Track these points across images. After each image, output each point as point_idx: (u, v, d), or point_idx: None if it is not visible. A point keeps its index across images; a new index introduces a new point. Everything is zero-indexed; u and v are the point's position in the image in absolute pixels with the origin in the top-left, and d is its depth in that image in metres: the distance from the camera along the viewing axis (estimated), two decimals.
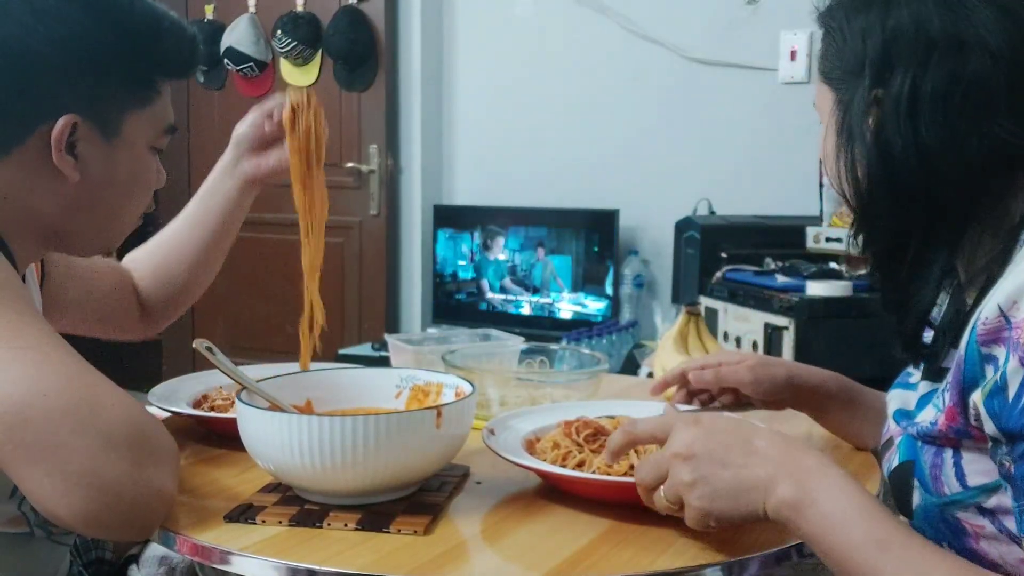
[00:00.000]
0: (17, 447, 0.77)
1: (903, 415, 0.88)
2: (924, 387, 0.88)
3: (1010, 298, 0.69)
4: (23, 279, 0.99)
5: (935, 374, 0.85)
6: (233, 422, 0.91)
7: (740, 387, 1.11)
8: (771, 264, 2.44)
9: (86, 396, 0.80)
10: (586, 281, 3.20)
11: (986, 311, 0.71)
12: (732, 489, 0.74)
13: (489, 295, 3.37)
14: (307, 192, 1.18)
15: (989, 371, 0.70)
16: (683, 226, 2.71)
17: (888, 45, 0.80)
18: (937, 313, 0.87)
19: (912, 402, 0.88)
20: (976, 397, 0.72)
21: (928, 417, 0.81)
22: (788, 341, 2.12)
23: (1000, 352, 0.69)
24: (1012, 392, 0.67)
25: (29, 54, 0.93)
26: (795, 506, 0.72)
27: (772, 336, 2.17)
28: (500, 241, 3.33)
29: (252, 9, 3.69)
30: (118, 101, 0.99)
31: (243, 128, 1.25)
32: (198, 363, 1.15)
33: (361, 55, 3.48)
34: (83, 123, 0.95)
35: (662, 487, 0.79)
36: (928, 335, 0.87)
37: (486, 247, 3.37)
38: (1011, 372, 0.67)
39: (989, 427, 0.71)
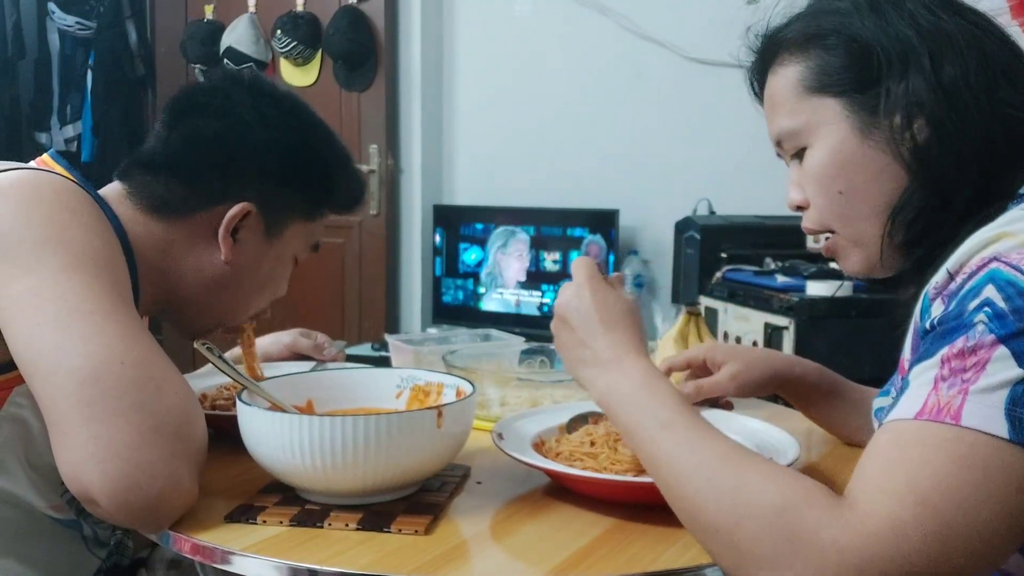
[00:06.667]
0: (79, 403, 0.81)
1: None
2: None
3: (956, 261, 0.74)
4: None
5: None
6: (234, 420, 0.91)
7: (726, 396, 1.15)
8: (771, 264, 2.44)
9: (155, 375, 0.84)
10: None
11: (936, 277, 0.76)
12: (569, 363, 0.89)
13: (489, 295, 3.37)
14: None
15: None
16: (683, 226, 2.71)
17: (905, 37, 0.83)
18: None
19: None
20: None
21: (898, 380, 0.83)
22: (788, 341, 2.12)
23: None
24: (927, 322, 0.73)
25: (239, 146, 1.06)
26: (604, 399, 0.84)
27: (772, 336, 2.17)
28: (512, 244, 3.32)
29: (252, 9, 3.69)
30: (290, 209, 1.11)
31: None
32: (198, 363, 1.15)
33: (361, 55, 3.48)
34: (255, 214, 1.06)
35: None
36: None
37: (492, 250, 3.36)
38: (934, 308, 0.73)
39: None
